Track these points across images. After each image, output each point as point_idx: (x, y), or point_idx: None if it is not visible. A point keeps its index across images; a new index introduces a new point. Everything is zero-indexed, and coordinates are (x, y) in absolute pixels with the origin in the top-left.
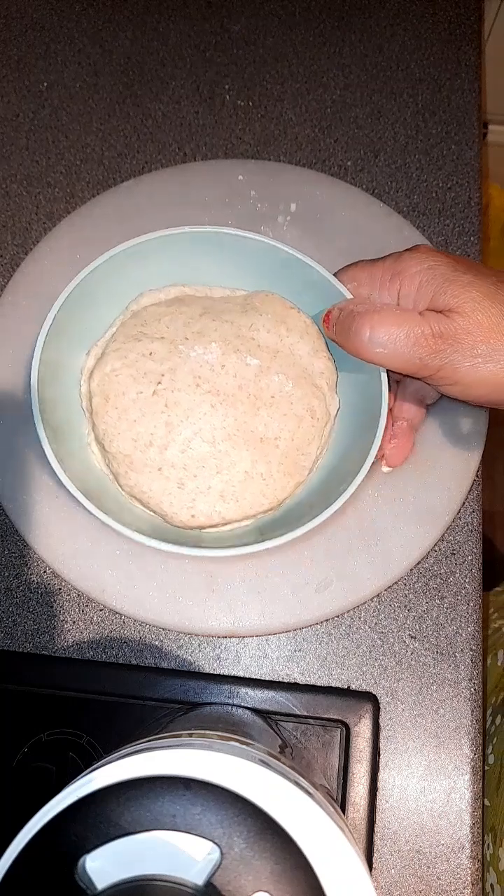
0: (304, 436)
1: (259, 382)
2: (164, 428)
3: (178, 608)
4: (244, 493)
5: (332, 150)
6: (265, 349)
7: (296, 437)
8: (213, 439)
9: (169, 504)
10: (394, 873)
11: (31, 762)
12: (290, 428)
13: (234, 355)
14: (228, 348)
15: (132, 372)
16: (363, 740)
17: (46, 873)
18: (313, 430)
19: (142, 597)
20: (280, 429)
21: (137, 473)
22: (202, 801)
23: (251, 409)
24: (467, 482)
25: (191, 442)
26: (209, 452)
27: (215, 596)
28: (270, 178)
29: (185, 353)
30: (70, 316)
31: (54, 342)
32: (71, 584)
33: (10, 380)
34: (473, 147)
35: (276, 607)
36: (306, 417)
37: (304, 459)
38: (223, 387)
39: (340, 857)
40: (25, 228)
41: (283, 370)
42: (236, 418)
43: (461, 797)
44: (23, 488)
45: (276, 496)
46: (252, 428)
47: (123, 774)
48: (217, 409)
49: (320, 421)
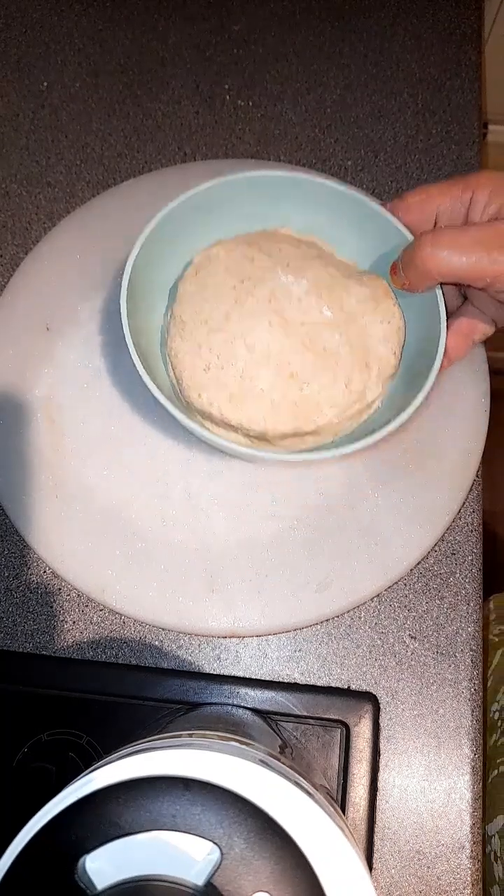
0: (329, 397)
1: (321, 331)
2: (222, 318)
3: (178, 608)
4: (248, 403)
5: (332, 150)
6: (345, 312)
7: (321, 393)
8: (253, 348)
9: (189, 377)
10: (394, 873)
11: (31, 762)
12: (320, 382)
13: (315, 299)
14: (314, 291)
15: (229, 263)
16: (363, 740)
17: (46, 873)
18: (341, 399)
19: (141, 597)
20: (312, 377)
21: (182, 340)
22: (202, 801)
23: (299, 347)
24: (467, 482)
25: (234, 340)
26: (242, 356)
27: (215, 596)
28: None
29: (277, 275)
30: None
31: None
32: (70, 583)
33: (9, 380)
34: (473, 147)
35: (276, 607)
36: (340, 383)
37: (318, 417)
38: (289, 315)
39: (340, 857)
40: (25, 228)
41: (348, 335)
42: (282, 345)
43: (461, 797)
44: (23, 488)
45: (274, 423)
46: (289, 360)
47: (123, 774)
48: (273, 328)
49: (351, 395)
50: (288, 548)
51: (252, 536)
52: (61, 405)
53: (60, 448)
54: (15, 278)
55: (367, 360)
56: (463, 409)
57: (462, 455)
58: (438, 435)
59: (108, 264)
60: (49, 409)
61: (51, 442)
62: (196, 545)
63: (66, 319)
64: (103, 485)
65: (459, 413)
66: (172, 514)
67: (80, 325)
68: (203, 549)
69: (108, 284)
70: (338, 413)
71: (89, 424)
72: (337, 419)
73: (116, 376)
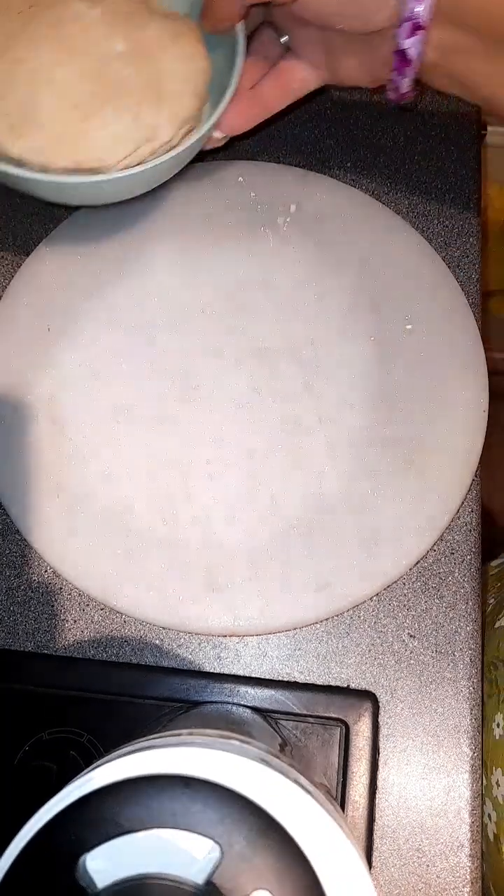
0: (115, 132)
1: (110, 62)
2: (3, 42)
3: (178, 607)
4: (29, 134)
5: (332, 151)
6: (140, 45)
7: (107, 128)
8: (34, 76)
9: None
10: (393, 871)
11: (32, 761)
12: (104, 115)
13: (107, 28)
14: (108, 20)
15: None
16: (363, 739)
17: (47, 872)
18: (127, 134)
19: (142, 597)
20: (95, 110)
21: None
22: (202, 799)
23: (83, 78)
24: (467, 482)
25: (15, 66)
26: (23, 84)
27: (215, 595)
28: (270, 180)
29: (69, 1)
30: None
31: None
32: (71, 583)
33: (11, 380)
34: (473, 147)
35: (276, 607)
36: (127, 117)
37: (102, 151)
38: (77, 44)
39: (340, 856)
40: (25, 228)
41: (139, 68)
42: (65, 75)
43: (460, 796)
44: (24, 488)
45: (54, 155)
46: (73, 90)
47: (124, 773)
48: (57, 55)
49: (140, 131)
50: (287, 547)
51: (252, 536)
52: (63, 405)
53: (62, 448)
54: (16, 279)
55: (160, 96)
56: (462, 408)
57: (461, 455)
58: (438, 435)
59: (109, 265)
60: (51, 410)
61: (52, 442)
62: (196, 545)
63: (67, 320)
64: (104, 485)
65: (458, 413)
66: (173, 513)
67: (81, 326)
68: (203, 549)
69: (110, 285)
70: (124, 149)
71: (90, 425)
72: (123, 154)
73: (118, 377)
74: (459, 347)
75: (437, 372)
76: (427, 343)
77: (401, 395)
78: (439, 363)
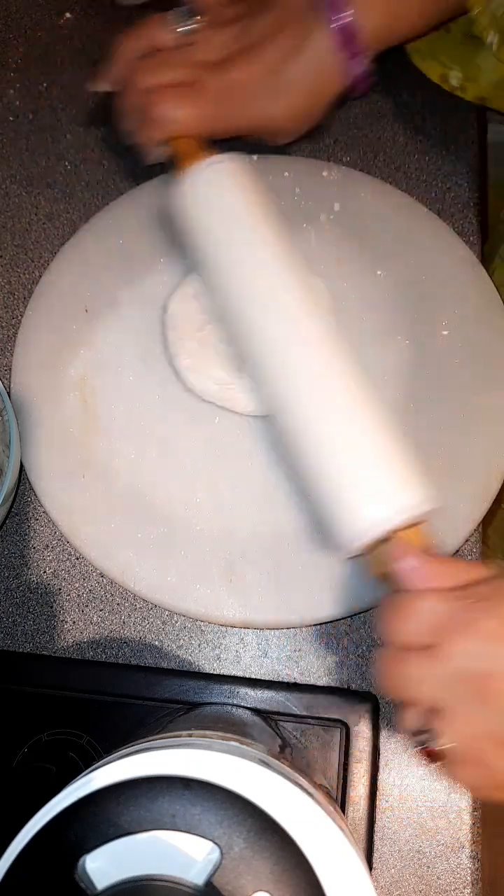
0: None
1: None
2: None
3: (195, 595)
4: None
5: (332, 150)
6: None
7: None
8: None
9: None
10: (394, 873)
11: (32, 762)
12: None
13: None
14: None
15: None
16: (363, 740)
17: (46, 873)
18: None
19: (160, 581)
20: None
21: None
22: (202, 800)
23: None
24: (492, 492)
25: None
26: None
27: (233, 585)
28: (315, 177)
29: None
30: None
31: None
32: (91, 563)
33: (46, 358)
34: (473, 147)
35: (293, 602)
36: None
37: None
38: None
39: (340, 857)
40: (25, 229)
41: None
42: None
43: (461, 797)
44: (51, 466)
45: None
46: None
47: (123, 774)
48: None
49: None
50: (309, 544)
51: (274, 530)
52: (95, 387)
53: (91, 429)
54: (57, 260)
55: None
56: (494, 417)
57: (486, 463)
58: (463, 443)
59: (150, 251)
60: (83, 390)
61: (82, 422)
62: (218, 534)
63: (105, 303)
64: (130, 468)
65: (485, 421)
66: (196, 502)
67: (119, 310)
68: (224, 539)
69: (148, 270)
70: None
71: (121, 408)
72: None
73: (150, 362)
74: (495, 356)
75: (469, 379)
76: (462, 349)
77: (432, 398)
78: (473, 370)
